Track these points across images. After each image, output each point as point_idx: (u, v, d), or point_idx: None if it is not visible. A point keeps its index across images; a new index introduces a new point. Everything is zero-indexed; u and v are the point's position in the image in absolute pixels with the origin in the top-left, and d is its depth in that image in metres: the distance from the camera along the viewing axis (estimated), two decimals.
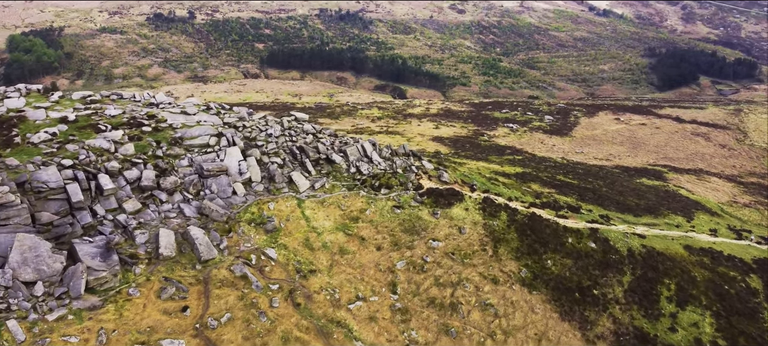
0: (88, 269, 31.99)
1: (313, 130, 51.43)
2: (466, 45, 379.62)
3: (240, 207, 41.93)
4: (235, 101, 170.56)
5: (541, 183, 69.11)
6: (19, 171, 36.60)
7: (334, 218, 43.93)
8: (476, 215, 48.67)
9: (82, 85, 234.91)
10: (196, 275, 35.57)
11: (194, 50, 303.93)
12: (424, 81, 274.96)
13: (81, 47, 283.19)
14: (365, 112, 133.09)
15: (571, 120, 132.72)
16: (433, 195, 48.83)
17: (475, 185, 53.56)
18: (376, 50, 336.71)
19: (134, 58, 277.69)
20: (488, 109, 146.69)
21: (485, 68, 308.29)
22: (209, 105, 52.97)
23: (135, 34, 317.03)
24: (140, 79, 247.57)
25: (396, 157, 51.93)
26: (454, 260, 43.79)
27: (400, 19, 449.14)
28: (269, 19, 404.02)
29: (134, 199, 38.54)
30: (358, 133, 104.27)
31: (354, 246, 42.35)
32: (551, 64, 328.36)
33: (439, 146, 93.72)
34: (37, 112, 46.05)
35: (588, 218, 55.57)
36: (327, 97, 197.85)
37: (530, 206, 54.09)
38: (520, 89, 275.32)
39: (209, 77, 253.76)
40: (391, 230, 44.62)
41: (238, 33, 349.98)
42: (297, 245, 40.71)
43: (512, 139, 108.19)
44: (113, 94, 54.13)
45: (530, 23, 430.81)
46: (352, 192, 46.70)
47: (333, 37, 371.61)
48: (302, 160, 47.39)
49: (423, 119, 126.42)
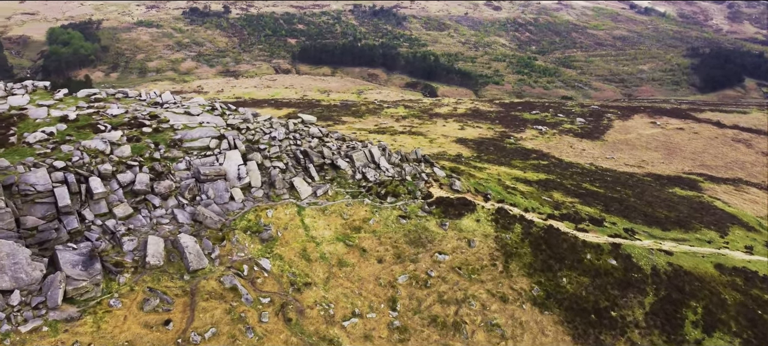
0: (67, 278, 30.74)
1: (319, 133, 49.55)
2: (500, 43, 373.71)
3: (236, 214, 40.32)
4: (264, 97, 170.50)
5: (564, 192, 65.90)
6: (9, 172, 35.65)
7: (334, 228, 41.97)
8: (488, 227, 46.09)
9: (116, 78, 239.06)
10: (183, 286, 34.07)
11: (227, 45, 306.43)
12: (456, 79, 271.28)
13: (117, 40, 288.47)
14: (390, 111, 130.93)
15: (604, 123, 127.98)
16: (443, 205, 46.42)
17: (490, 194, 50.91)
18: (408, 47, 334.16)
19: (168, 52, 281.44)
20: (518, 109, 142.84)
21: (519, 67, 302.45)
22: (214, 105, 51.62)
23: (170, 28, 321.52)
24: (173, 73, 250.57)
25: (406, 164, 49.65)
26: (461, 275, 41.35)
27: (434, 16, 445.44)
28: (303, 15, 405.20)
29: (126, 203, 37.27)
30: (380, 132, 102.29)
31: (354, 258, 40.31)
32: (588, 63, 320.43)
33: (462, 149, 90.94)
34: (39, 111, 45.35)
35: (610, 232, 52.34)
36: (355, 95, 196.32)
37: (548, 217, 51.17)
38: (555, 89, 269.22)
39: (240, 72, 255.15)
40: (395, 241, 42.42)
41: (271, 28, 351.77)
42: (293, 255, 38.88)
43: (540, 143, 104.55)
44: (119, 92, 53.30)
45: (568, 21, 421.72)
46: (356, 200, 44.65)
47: (366, 33, 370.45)
48: (306, 165, 45.56)
49: (449, 119, 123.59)
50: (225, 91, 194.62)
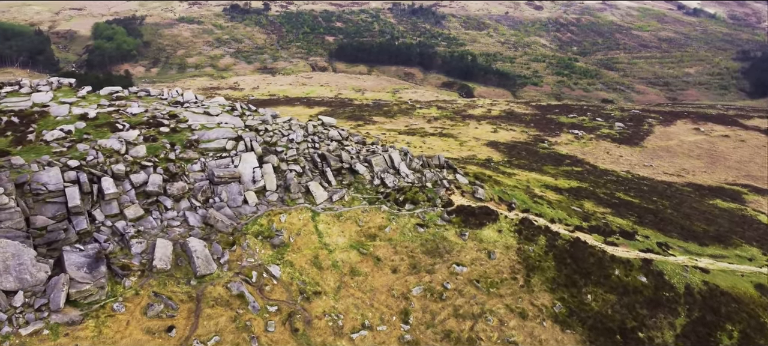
0: (71, 281, 30.39)
1: (338, 136, 48.43)
2: (540, 43, 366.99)
3: (249, 218, 39.55)
4: (297, 95, 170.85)
5: (596, 201, 63.28)
6: (23, 171, 35.68)
7: (349, 235, 40.79)
8: (510, 238, 44.22)
9: (156, 73, 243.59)
10: (189, 292, 33.43)
11: (265, 42, 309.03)
12: (494, 79, 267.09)
13: (159, 36, 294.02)
14: (423, 112, 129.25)
15: (644, 128, 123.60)
16: (463, 213, 44.75)
17: (514, 203, 48.95)
18: (446, 46, 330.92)
19: (208, 48, 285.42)
20: (554, 112, 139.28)
21: (559, 68, 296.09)
22: (234, 105, 51.07)
23: (211, 24, 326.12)
24: (212, 70, 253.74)
25: (426, 170, 48.12)
26: (479, 288, 39.66)
27: (473, 15, 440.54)
28: (341, 12, 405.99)
29: (137, 205, 36.88)
30: (410, 134, 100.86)
31: (367, 267, 39.06)
32: (631, 65, 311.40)
33: (493, 152, 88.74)
34: (61, 108, 45.56)
35: (642, 246, 49.73)
36: (390, 94, 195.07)
37: (575, 229, 48.90)
38: (596, 91, 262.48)
39: (277, 69, 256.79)
40: (411, 250, 40.99)
41: (309, 25, 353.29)
42: (304, 262, 37.88)
43: (575, 148, 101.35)
44: (142, 90, 53.32)
45: (612, 21, 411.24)
46: (373, 206, 43.38)
47: (404, 31, 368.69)
48: (323, 169, 44.51)
49: (482, 121, 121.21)
50: (260, 88, 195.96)
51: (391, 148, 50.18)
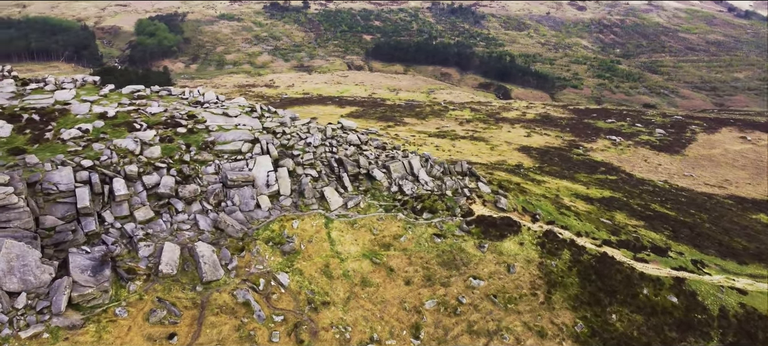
0: (74, 284, 30.07)
1: (357, 140, 47.28)
2: (582, 44, 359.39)
3: (260, 223, 38.76)
4: (330, 94, 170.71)
5: (629, 213, 60.57)
6: (36, 170, 35.69)
7: (362, 243, 39.60)
8: (532, 252, 42.32)
9: (195, 69, 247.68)
10: (193, 298, 32.78)
11: (303, 40, 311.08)
12: (532, 81, 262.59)
13: (200, 33, 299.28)
14: (455, 114, 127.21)
15: (687, 135, 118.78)
16: (483, 224, 43.04)
17: (539, 214, 46.97)
18: (484, 46, 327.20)
19: (246, 45, 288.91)
20: (592, 116, 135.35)
21: (600, 70, 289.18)
22: (254, 107, 50.49)
23: (250, 22, 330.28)
24: (249, 67, 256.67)
25: (447, 177, 46.55)
26: (496, 303, 37.96)
27: (514, 15, 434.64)
28: (380, 11, 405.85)
29: (147, 206, 36.49)
30: (440, 136, 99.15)
31: (379, 277, 37.81)
32: (677, 69, 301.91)
33: (524, 158, 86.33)
34: (82, 106, 45.71)
35: (675, 263, 47.09)
36: (424, 94, 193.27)
37: (603, 244, 46.59)
38: (638, 95, 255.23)
39: (314, 67, 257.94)
40: (427, 262, 39.55)
41: (347, 24, 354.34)
42: (314, 271, 36.86)
43: (611, 155, 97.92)
44: (163, 89, 53.24)
45: (657, 23, 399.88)
46: (390, 214, 42.08)
47: (442, 31, 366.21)
48: (340, 174, 43.45)
49: (515, 125, 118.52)
50: (295, 86, 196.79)
51: (412, 153, 48.79)
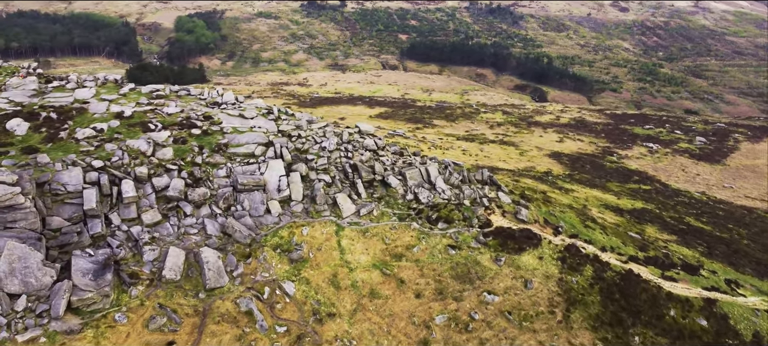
0: (74, 288, 29.71)
1: (374, 145, 46.05)
2: (623, 46, 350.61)
3: (270, 229, 37.94)
4: (361, 93, 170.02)
5: (660, 226, 57.85)
6: (46, 169, 35.61)
7: (373, 253, 38.39)
8: (551, 267, 40.42)
9: (231, 66, 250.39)
10: (195, 305, 32.12)
11: (339, 38, 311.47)
12: (569, 84, 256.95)
13: (237, 30, 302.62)
14: (487, 116, 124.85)
15: (729, 144, 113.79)
16: (501, 236, 41.33)
17: (562, 226, 44.97)
18: (522, 47, 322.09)
19: (282, 43, 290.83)
20: (629, 122, 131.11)
21: (641, 73, 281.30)
22: (271, 109, 49.77)
23: (287, 20, 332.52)
24: (284, 65, 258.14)
25: (465, 185, 44.93)
26: (510, 321, 36.29)
27: (553, 16, 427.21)
28: (417, 10, 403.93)
29: (155, 209, 36.03)
30: (468, 140, 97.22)
31: (389, 289, 36.55)
32: (722, 73, 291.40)
33: (554, 164, 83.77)
34: (100, 105, 45.72)
35: (707, 283, 44.49)
36: (458, 95, 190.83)
37: (629, 260, 44.28)
38: (680, 100, 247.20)
39: (348, 66, 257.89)
40: (439, 274, 38.10)
41: (383, 23, 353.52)
42: (321, 280, 35.84)
43: (646, 163, 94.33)
44: (182, 89, 53.01)
45: (703, 26, 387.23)
46: (403, 223, 40.75)
47: (479, 31, 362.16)
48: (353, 180, 42.33)
49: (548, 129, 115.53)
50: (328, 85, 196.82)
51: (430, 160, 47.35)
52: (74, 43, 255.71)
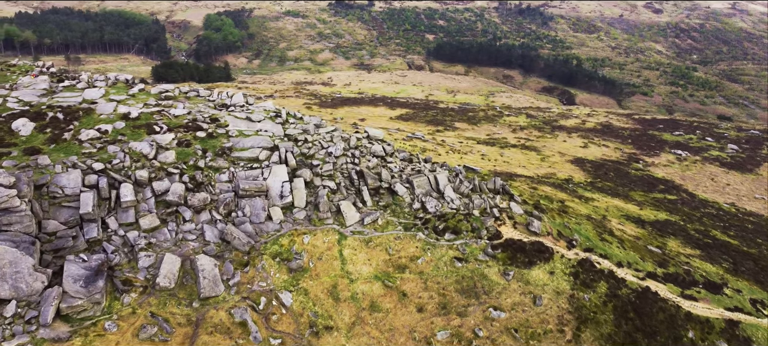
0: (63, 294, 29.18)
1: (382, 151, 44.78)
2: (656, 49, 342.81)
3: (270, 236, 37.02)
4: (384, 94, 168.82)
5: (684, 240, 55.43)
6: (46, 171, 35.27)
7: (375, 264, 37.19)
8: (563, 282, 38.69)
9: (257, 65, 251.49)
10: (189, 315, 31.36)
11: (365, 38, 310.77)
12: (598, 86, 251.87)
13: (264, 29, 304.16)
14: (510, 120, 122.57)
15: (763, 152, 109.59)
16: (511, 249, 39.73)
17: (576, 239, 43.14)
18: (551, 49, 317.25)
19: (309, 42, 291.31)
20: (658, 127, 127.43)
21: (674, 77, 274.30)
22: (280, 112, 48.88)
23: (314, 19, 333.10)
24: (310, 64, 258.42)
25: (476, 194, 43.37)
26: (516, 338, 34.74)
27: (584, 17, 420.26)
28: (445, 10, 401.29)
29: (154, 214, 35.41)
30: (488, 144, 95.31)
31: (390, 302, 35.31)
32: (759, 78, 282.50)
33: (576, 171, 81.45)
34: (108, 106, 45.41)
35: (730, 303, 42.24)
36: (483, 97, 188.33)
37: (646, 276, 42.26)
38: (713, 105, 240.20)
39: (374, 66, 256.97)
40: (443, 287, 36.72)
41: (411, 22, 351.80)
42: (320, 291, 34.78)
43: (673, 171, 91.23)
44: (192, 90, 52.50)
45: (741, 28, 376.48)
46: (409, 233, 39.45)
47: (507, 32, 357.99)
48: (359, 188, 41.17)
49: (572, 134, 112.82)
50: (352, 85, 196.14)
51: (440, 168, 45.94)
52: (105, 40, 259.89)
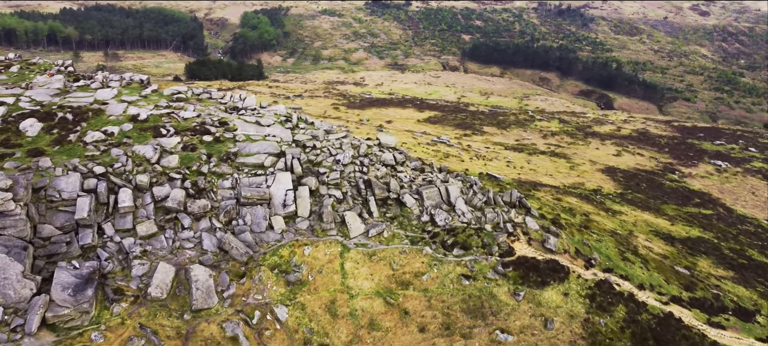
0: (49, 303, 28.51)
1: (392, 160, 43.16)
2: (700, 53, 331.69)
3: (270, 246, 35.86)
4: (415, 95, 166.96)
5: (717, 259, 52.25)
6: (46, 174, 34.86)
7: (378, 279, 35.64)
8: (577, 305, 36.43)
9: (291, 63, 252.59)
10: (179, 327, 30.39)
11: (400, 37, 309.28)
12: (638, 91, 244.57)
13: (300, 27, 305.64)
14: (541, 125, 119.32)
15: None
16: (523, 267, 37.66)
17: (595, 259, 40.76)
18: (590, 51, 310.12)
19: (343, 41, 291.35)
20: (698, 136, 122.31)
21: (719, 83, 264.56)
22: (290, 117, 47.77)
23: (350, 18, 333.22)
24: (343, 63, 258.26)
25: (490, 207, 41.38)
26: None
27: (627, 18, 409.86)
28: (483, 10, 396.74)
29: (151, 221, 34.63)
30: (516, 150, 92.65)
31: (391, 320, 33.72)
32: None
33: (606, 181, 78.26)
34: (118, 107, 45.04)
35: (762, 333, 39.25)
36: (517, 100, 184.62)
37: (671, 301, 39.59)
38: (761, 112, 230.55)
39: (407, 66, 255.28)
40: (448, 306, 34.93)
41: (447, 22, 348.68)
42: (318, 306, 33.42)
43: (711, 183, 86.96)
44: (204, 92, 51.84)
45: None
46: (415, 247, 37.77)
47: (546, 33, 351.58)
48: (366, 198, 39.69)
49: (606, 141, 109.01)
50: (384, 85, 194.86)
51: (453, 178, 44.08)
52: (143, 37, 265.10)
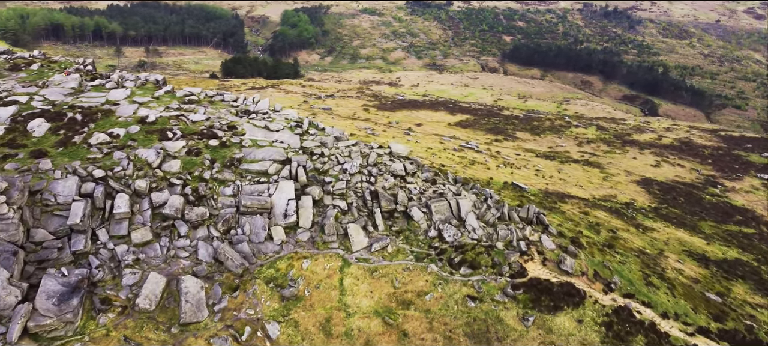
0: (33, 312, 27.82)
1: (402, 171, 41.31)
2: (754, 58, 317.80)
3: (268, 258, 34.58)
4: (450, 97, 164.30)
5: (755, 285, 48.70)
6: (45, 177, 34.40)
7: (378, 297, 33.93)
8: (592, 333, 33.93)
9: (329, 62, 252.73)
10: (165, 341, 29.34)
11: (440, 38, 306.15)
12: (685, 97, 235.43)
13: (339, 26, 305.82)
14: (577, 131, 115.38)
15: None
16: (535, 290, 35.34)
17: (616, 282, 38.09)
18: (636, 54, 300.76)
19: (382, 40, 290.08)
20: (746, 146, 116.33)
21: None
22: (301, 122, 46.44)
23: (390, 17, 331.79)
24: (381, 62, 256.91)
25: (503, 224, 39.13)
26: None
27: (676, 21, 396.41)
28: (526, 11, 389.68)
29: (147, 228, 33.78)
30: (548, 158, 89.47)
31: (388, 342, 31.94)
32: None
33: (641, 194, 74.60)
34: (128, 108, 44.58)
35: None
36: (556, 104, 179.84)
37: (697, 332, 36.62)
38: None
39: (445, 67, 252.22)
40: (451, 329, 32.95)
41: (488, 23, 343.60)
42: (312, 324, 31.93)
43: (756, 199, 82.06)
44: (217, 95, 51.00)
45: None
46: (420, 264, 35.90)
47: (590, 35, 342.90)
48: (372, 210, 38.01)
49: (645, 150, 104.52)
50: (420, 86, 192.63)
51: (467, 191, 41.95)
52: (185, 33, 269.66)
